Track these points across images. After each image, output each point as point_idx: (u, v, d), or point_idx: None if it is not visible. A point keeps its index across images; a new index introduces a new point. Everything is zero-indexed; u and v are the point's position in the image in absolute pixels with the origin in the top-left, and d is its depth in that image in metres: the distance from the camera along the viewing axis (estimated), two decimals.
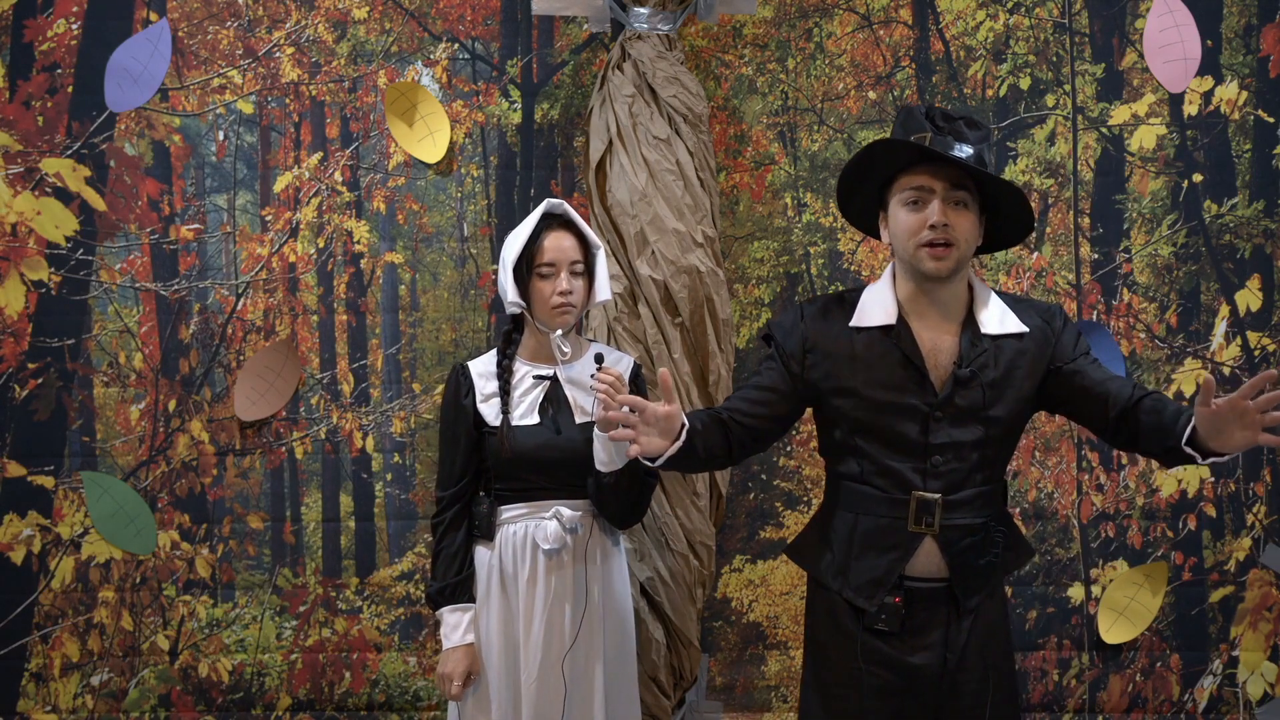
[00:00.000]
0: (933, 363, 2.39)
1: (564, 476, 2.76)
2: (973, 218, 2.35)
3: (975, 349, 2.38)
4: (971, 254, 2.38)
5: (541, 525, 2.76)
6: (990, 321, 2.40)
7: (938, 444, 2.37)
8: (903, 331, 2.40)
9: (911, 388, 2.38)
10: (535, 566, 2.75)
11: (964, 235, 2.33)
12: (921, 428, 2.38)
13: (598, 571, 2.79)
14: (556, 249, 2.74)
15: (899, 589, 2.40)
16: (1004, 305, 2.44)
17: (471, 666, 2.76)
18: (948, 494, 2.38)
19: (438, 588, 2.79)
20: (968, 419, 2.37)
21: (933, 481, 2.38)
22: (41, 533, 3.74)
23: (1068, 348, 2.42)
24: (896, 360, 2.40)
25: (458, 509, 2.80)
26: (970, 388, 2.37)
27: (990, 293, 2.44)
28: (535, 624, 2.74)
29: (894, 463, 2.40)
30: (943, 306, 2.41)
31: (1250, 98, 3.80)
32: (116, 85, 3.73)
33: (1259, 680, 3.78)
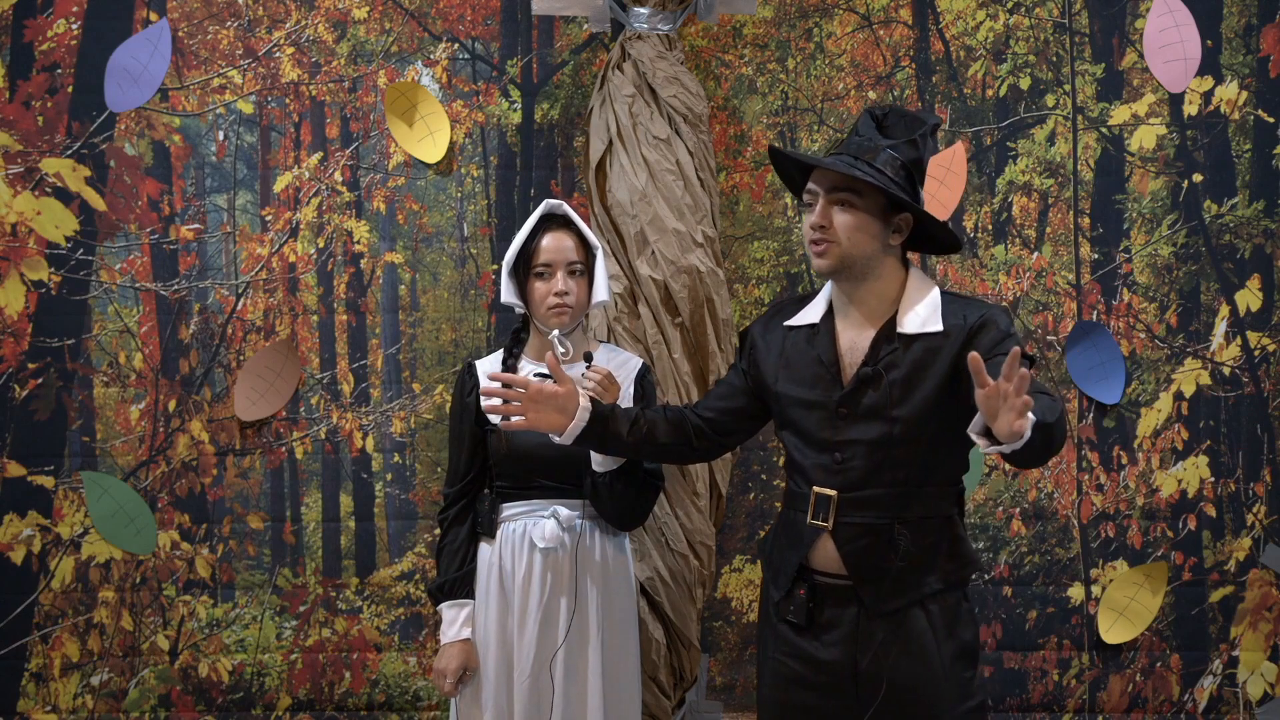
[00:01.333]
0: (847, 361, 2.44)
1: (563, 475, 2.76)
2: (861, 217, 2.38)
3: (884, 348, 2.40)
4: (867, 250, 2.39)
5: (539, 523, 2.77)
6: (909, 321, 2.41)
7: (839, 440, 2.41)
8: (823, 329, 2.47)
9: (822, 385, 2.44)
10: (531, 564, 2.76)
11: (846, 234, 2.38)
12: (828, 424, 2.42)
13: (596, 572, 2.78)
14: (553, 249, 2.75)
15: (803, 581, 2.44)
16: (936, 305, 2.42)
17: (467, 662, 2.77)
18: (845, 491, 2.40)
19: (438, 583, 2.82)
20: (872, 417, 2.39)
21: (833, 478, 2.41)
22: (41, 533, 3.74)
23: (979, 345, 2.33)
24: (813, 358, 2.46)
25: (461, 505, 2.84)
26: (875, 386, 2.39)
27: (928, 292, 2.44)
28: (529, 622, 2.74)
29: (803, 458, 2.46)
30: (865, 305, 2.44)
31: (1250, 98, 3.81)
32: (116, 85, 3.73)
33: (1259, 680, 3.78)
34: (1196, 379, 3.80)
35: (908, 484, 2.40)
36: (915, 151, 2.40)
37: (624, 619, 2.85)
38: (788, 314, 2.56)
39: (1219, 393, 3.80)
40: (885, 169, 2.37)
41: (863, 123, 2.43)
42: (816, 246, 2.41)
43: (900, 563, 2.38)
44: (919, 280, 2.46)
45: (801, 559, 2.45)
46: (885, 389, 2.38)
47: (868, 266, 2.41)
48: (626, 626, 2.86)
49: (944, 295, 2.45)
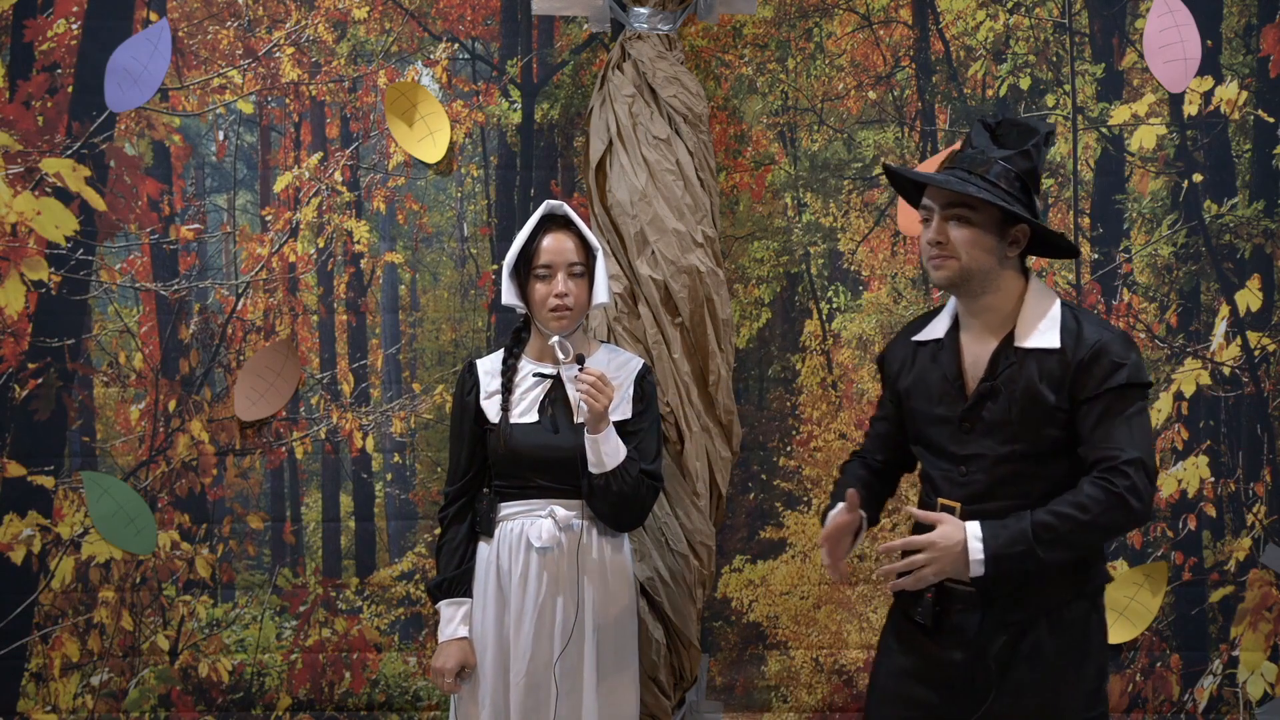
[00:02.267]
0: (970, 375, 2.46)
1: (560, 475, 2.76)
2: (977, 232, 2.39)
3: (1003, 362, 2.41)
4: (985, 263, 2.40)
5: (536, 523, 2.77)
6: (1027, 335, 2.41)
7: (965, 454, 2.43)
8: (948, 344, 2.49)
9: (947, 400, 2.46)
10: (528, 564, 2.76)
11: (964, 248, 2.39)
12: (953, 438, 2.45)
13: (594, 572, 2.78)
14: (553, 250, 2.75)
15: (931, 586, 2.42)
16: (1055, 319, 2.41)
17: (463, 660, 2.78)
18: (969, 503, 2.41)
19: (436, 581, 2.83)
20: (993, 431, 2.41)
21: (957, 489, 2.43)
22: (41, 533, 3.74)
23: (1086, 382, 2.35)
24: (939, 373, 2.48)
25: (461, 504, 2.85)
26: (996, 400, 2.41)
27: (1048, 305, 2.43)
28: (526, 622, 2.74)
29: (931, 470, 2.50)
30: (985, 319, 2.45)
31: (1250, 98, 3.80)
32: (116, 85, 3.73)
33: (1259, 680, 3.78)
34: (1196, 379, 3.80)
35: (1030, 496, 2.37)
36: (1028, 162, 2.41)
37: (621, 619, 2.84)
38: (915, 329, 2.59)
39: (1219, 393, 3.80)
40: (999, 182, 2.37)
41: (976, 133, 2.45)
42: (934, 261, 2.42)
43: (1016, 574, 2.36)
44: (1039, 292, 2.45)
45: None
46: (1004, 404, 2.39)
47: (986, 279, 2.42)
48: (624, 627, 2.85)
49: (1064, 309, 2.43)
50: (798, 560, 3.83)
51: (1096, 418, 2.33)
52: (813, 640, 3.83)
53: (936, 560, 2.30)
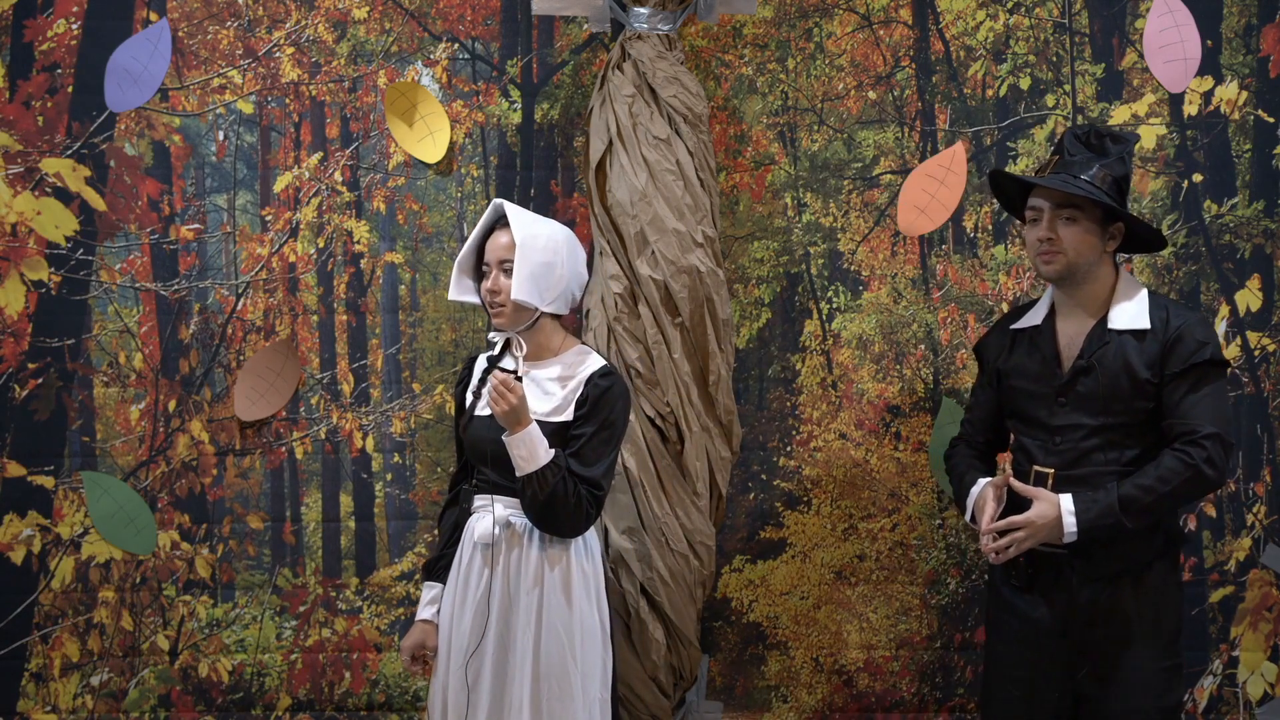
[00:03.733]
0: (1065, 355, 2.78)
1: (502, 471, 2.74)
2: (1084, 229, 2.73)
3: (1097, 342, 2.73)
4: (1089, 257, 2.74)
5: (484, 518, 2.79)
6: (1119, 317, 2.73)
7: (1058, 425, 2.75)
8: (1045, 328, 2.82)
9: (1045, 376, 2.78)
10: (474, 558, 2.79)
11: (1072, 245, 2.73)
12: (1049, 410, 2.76)
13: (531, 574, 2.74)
14: (490, 248, 2.80)
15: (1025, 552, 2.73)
16: (1143, 303, 2.74)
17: (422, 642, 2.85)
18: (1062, 469, 2.71)
19: (424, 563, 2.95)
20: (1088, 404, 2.71)
21: (1051, 457, 2.74)
22: (41, 533, 3.74)
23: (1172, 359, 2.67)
24: (1039, 354, 2.81)
25: (454, 493, 2.95)
26: (1090, 376, 2.72)
27: (1137, 292, 2.76)
28: (466, 615, 2.76)
29: (1027, 440, 2.82)
30: (1082, 305, 2.78)
31: (1250, 98, 3.80)
32: (116, 85, 3.73)
33: (1259, 680, 3.78)
34: None
35: (1119, 464, 2.70)
36: (1123, 167, 2.74)
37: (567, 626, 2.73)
38: (1011, 320, 2.92)
39: None
40: (1100, 184, 2.71)
41: (1069, 142, 2.76)
42: (1044, 256, 2.75)
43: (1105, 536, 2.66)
44: (1129, 281, 2.79)
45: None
46: (1096, 379, 2.71)
47: (1088, 271, 2.75)
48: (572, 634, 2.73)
49: (1151, 296, 2.77)
50: (798, 560, 3.83)
51: (1181, 394, 2.65)
52: (813, 640, 3.83)
53: (1034, 535, 2.66)
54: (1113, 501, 2.62)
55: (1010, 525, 2.67)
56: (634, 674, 3.25)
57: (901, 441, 3.83)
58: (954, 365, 3.82)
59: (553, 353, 2.83)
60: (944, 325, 3.83)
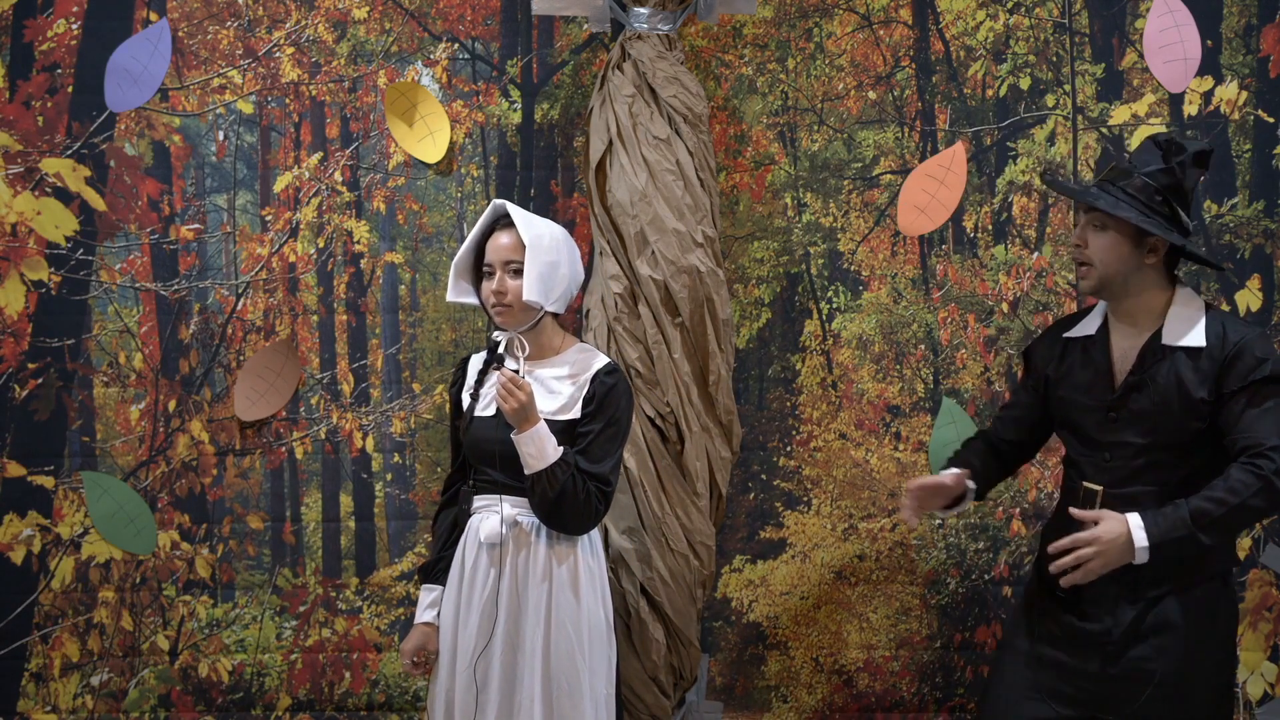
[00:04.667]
0: (1118, 369, 2.68)
1: (512, 471, 2.74)
2: (1113, 238, 2.63)
3: (1150, 358, 2.63)
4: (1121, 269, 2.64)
5: (488, 517, 2.78)
6: (1174, 332, 2.63)
7: (1109, 442, 2.65)
8: (1098, 340, 2.73)
9: (1097, 390, 2.69)
10: (479, 558, 2.78)
11: (1099, 254, 2.65)
12: (1100, 426, 2.67)
13: (540, 573, 2.75)
14: (493, 249, 2.79)
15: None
16: (1200, 319, 2.62)
17: (422, 645, 2.84)
18: (1112, 487, 2.62)
19: (421, 566, 2.93)
20: (1140, 422, 2.62)
21: (1101, 474, 2.65)
22: (41, 533, 3.74)
23: (1230, 377, 2.56)
24: (1090, 366, 2.71)
25: (451, 493, 2.93)
26: (1142, 393, 2.62)
27: (1194, 307, 2.65)
28: (472, 616, 2.76)
29: (1078, 454, 2.73)
30: (1132, 318, 2.68)
31: (1250, 98, 3.80)
32: (116, 85, 3.73)
33: (1259, 680, 3.78)
34: None
35: (1168, 484, 2.59)
36: (1171, 178, 2.62)
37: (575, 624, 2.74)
38: (1065, 327, 2.82)
39: None
40: (1139, 195, 2.61)
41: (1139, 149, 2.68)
42: (1079, 270, 2.70)
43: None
44: (1186, 296, 2.68)
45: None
46: (1149, 396, 2.61)
47: (1125, 284, 2.66)
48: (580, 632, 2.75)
49: (1210, 312, 2.66)
50: (798, 560, 3.83)
51: (1241, 409, 2.53)
52: (813, 640, 3.83)
53: (1103, 554, 2.48)
54: (1184, 515, 2.47)
55: (1075, 543, 2.50)
56: (634, 674, 3.25)
57: (901, 441, 3.83)
58: (954, 365, 3.82)
59: (554, 351, 2.84)
60: (944, 325, 3.83)
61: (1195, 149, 2.64)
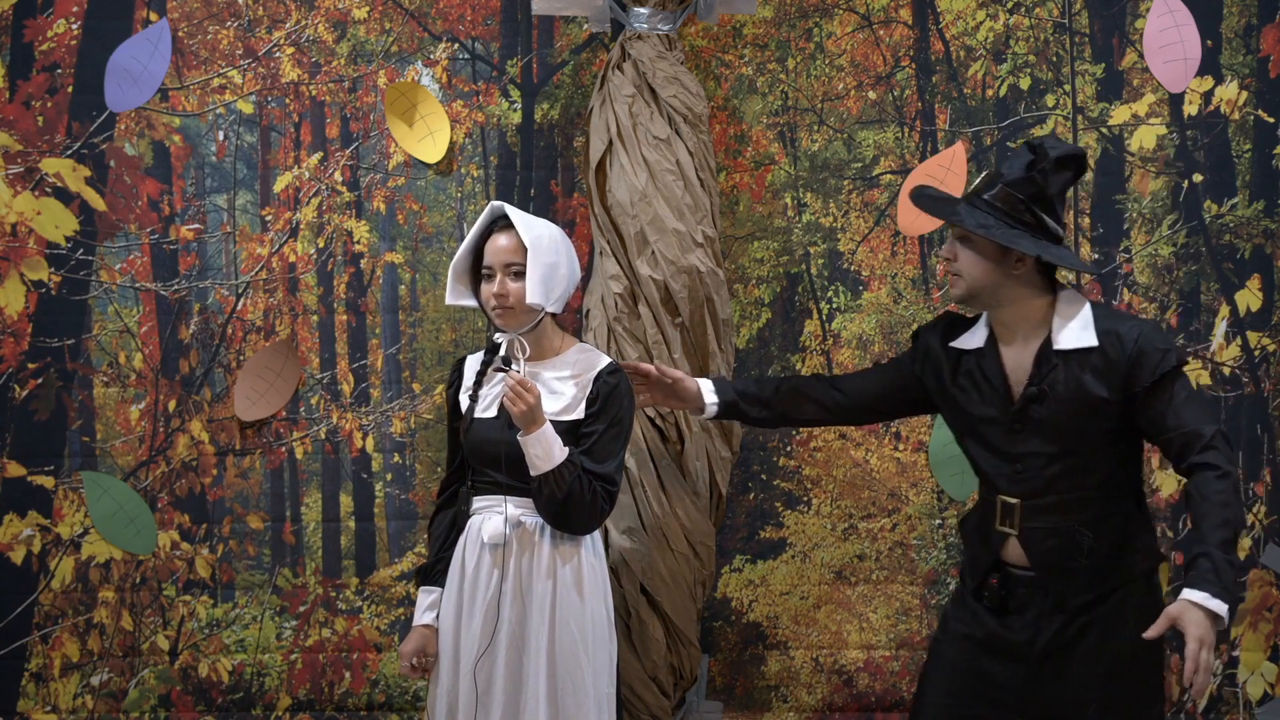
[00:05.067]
0: (1013, 379, 2.60)
1: (515, 472, 2.74)
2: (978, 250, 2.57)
3: (1045, 366, 2.56)
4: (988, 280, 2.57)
5: (491, 518, 2.77)
6: (1064, 338, 2.56)
7: (1017, 453, 2.58)
8: (988, 352, 2.64)
9: (996, 403, 2.61)
10: (481, 559, 2.77)
11: (966, 267, 2.58)
12: (1005, 439, 2.60)
13: (544, 572, 2.75)
14: (492, 251, 2.77)
15: (997, 572, 2.63)
16: (1088, 320, 2.56)
17: (422, 647, 2.82)
18: (1028, 499, 2.57)
19: (418, 567, 2.92)
20: (1044, 431, 2.55)
21: (1015, 486, 2.59)
22: (41, 533, 3.74)
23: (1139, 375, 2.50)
24: (984, 379, 2.63)
25: (448, 494, 2.92)
26: (1042, 402, 2.55)
27: (1079, 309, 2.58)
28: (475, 617, 2.75)
29: (989, 467, 2.65)
30: (1017, 328, 2.61)
31: (1250, 98, 3.81)
32: (116, 85, 3.73)
33: (1259, 680, 3.78)
34: (1197, 379, 3.79)
35: (1086, 488, 2.55)
36: (1034, 186, 2.54)
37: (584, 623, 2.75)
38: (956, 334, 2.72)
39: (1219, 393, 3.80)
40: (1002, 205, 2.55)
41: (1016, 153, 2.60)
42: (951, 279, 2.64)
43: (1086, 561, 2.54)
44: (1068, 299, 2.61)
45: (994, 555, 2.64)
46: (1051, 405, 2.54)
47: (997, 294, 2.59)
48: (584, 631, 2.75)
49: (1094, 309, 2.59)
50: (798, 560, 3.83)
51: (1164, 405, 2.48)
52: (813, 640, 3.83)
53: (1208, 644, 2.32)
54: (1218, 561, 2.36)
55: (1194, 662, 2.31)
56: (634, 674, 3.25)
57: (901, 441, 3.83)
58: None
59: (555, 352, 2.84)
60: None
61: (1058, 154, 2.56)
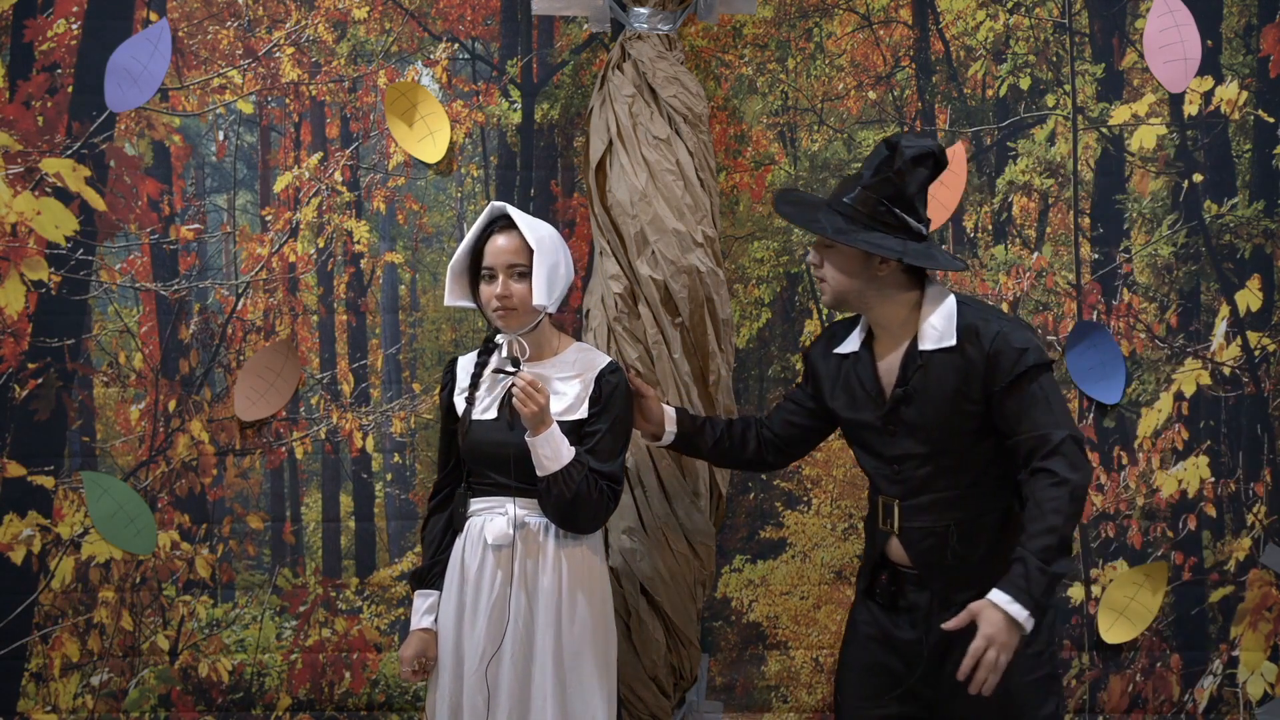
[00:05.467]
0: (885, 382, 2.63)
1: (517, 473, 2.75)
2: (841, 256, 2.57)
3: (911, 367, 2.58)
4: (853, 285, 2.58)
5: (494, 519, 2.77)
6: (928, 338, 2.56)
7: (893, 455, 2.62)
8: (862, 356, 2.67)
9: (870, 406, 2.64)
10: (484, 560, 2.77)
11: (830, 272, 2.60)
12: (880, 441, 2.64)
13: (549, 572, 2.76)
14: (494, 252, 2.78)
15: (885, 569, 2.68)
16: (951, 317, 2.54)
17: (424, 651, 2.82)
18: (905, 499, 2.62)
19: (413, 571, 2.92)
20: (915, 432, 2.58)
21: (893, 486, 2.64)
22: (41, 533, 3.74)
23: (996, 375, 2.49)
24: (859, 382, 2.67)
25: (441, 497, 2.92)
26: (910, 404, 2.58)
27: (945, 307, 2.56)
28: (480, 619, 2.75)
29: (870, 469, 2.71)
30: (888, 329, 2.63)
31: (1250, 98, 3.81)
32: (116, 85, 3.73)
33: (1259, 680, 3.78)
34: (1196, 379, 3.80)
35: (960, 487, 2.58)
36: (891, 187, 2.53)
37: (587, 622, 2.78)
38: (838, 340, 2.75)
39: (1219, 393, 3.80)
40: (862, 208, 2.54)
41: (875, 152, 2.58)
42: (818, 283, 2.67)
43: (958, 560, 2.57)
44: (933, 297, 2.59)
45: (880, 553, 2.69)
46: (918, 406, 2.56)
47: (864, 298, 2.60)
48: (588, 630, 2.78)
49: (960, 305, 2.58)
50: (798, 560, 3.83)
51: (1016, 405, 2.47)
52: (813, 640, 3.83)
53: (997, 644, 2.36)
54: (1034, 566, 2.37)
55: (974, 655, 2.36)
56: (634, 674, 3.25)
57: None
58: None
59: (553, 352, 2.85)
60: None
61: (913, 152, 2.52)
